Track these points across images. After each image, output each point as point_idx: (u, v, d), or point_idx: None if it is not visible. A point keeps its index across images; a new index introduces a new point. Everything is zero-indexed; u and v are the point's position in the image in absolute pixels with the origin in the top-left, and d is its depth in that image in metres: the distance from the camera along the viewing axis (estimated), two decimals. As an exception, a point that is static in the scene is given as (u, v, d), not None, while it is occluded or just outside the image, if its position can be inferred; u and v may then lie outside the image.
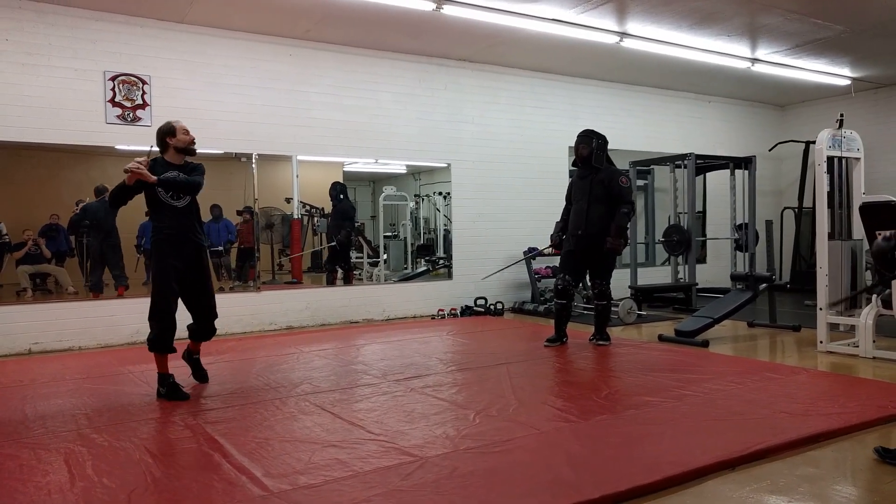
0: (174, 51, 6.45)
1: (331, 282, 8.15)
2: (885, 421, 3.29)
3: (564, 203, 5.70)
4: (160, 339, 3.98)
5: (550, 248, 5.96)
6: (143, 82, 6.30)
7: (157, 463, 2.87)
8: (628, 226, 5.49)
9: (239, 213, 8.22)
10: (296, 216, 8.31)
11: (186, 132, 4.18)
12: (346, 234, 8.49)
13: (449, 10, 6.13)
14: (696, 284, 7.90)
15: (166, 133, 4.13)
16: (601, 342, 5.53)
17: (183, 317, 4.08)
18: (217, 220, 8.10)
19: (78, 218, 7.21)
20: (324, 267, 8.53)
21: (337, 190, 8.41)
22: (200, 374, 4.41)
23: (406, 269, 9.77)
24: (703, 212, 10.11)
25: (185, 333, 4.29)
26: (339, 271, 8.35)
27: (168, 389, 4.01)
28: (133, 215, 7.83)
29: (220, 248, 8.10)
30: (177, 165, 4.15)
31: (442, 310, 7.83)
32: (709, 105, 10.49)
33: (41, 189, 7.71)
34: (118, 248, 7.16)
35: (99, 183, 7.19)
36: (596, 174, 5.36)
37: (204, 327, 4.28)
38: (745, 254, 8.30)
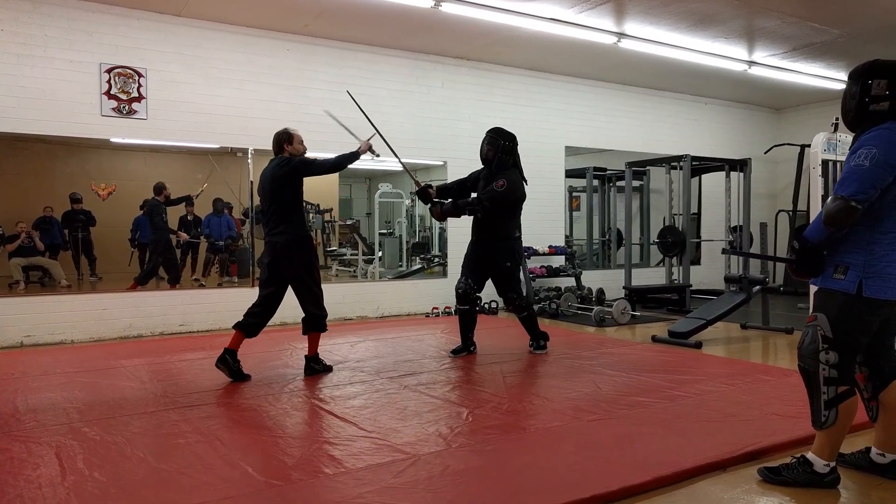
0: (171, 44, 6.42)
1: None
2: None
3: (459, 180, 5.34)
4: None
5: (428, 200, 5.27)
6: (140, 75, 6.27)
7: (148, 457, 2.86)
8: (510, 233, 5.03)
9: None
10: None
11: (302, 142, 4.45)
12: None
13: (447, 7, 6.12)
14: (690, 286, 7.92)
15: (284, 139, 4.41)
16: (538, 350, 5.22)
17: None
18: (219, 214, 8.07)
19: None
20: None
21: None
22: (241, 374, 4.36)
23: (401, 266, 9.78)
24: (698, 213, 10.14)
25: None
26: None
27: (322, 366, 4.54)
28: (127, 209, 7.82)
29: (221, 242, 8.08)
30: None
31: (436, 308, 7.83)
32: (705, 107, 10.52)
33: (35, 181, 7.69)
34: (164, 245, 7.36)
35: (158, 181, 7.32)
36: (493, 178, 4.96)
37: (262, 324, 4.45)
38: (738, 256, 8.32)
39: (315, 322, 4.41)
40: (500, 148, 4.99)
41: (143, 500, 2.43)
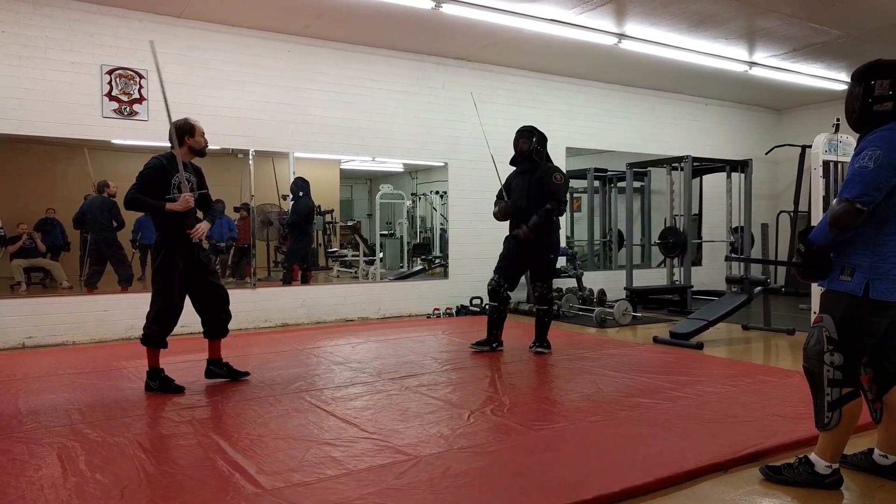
0: (172, 45, 6.43)
1: (288, 281, 7.76)
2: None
3: (504, 191, 5.34)
4: (160, 337, 4.02)
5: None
6: (141, 76, 6.28)
7: (150, 459, 2.86)
8: (555, 226, 5.17)
9: (236, 209, 8.19)
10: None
11: (203, 134, 4.17)
12: (300, 239, 8.04)
13: (448, 8, 6.13)
14: (692, 287, 7.92)
15: (185, 131, 4.08)
16: (540, 350, 5.24)
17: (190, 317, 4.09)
18: (220, 216, 8.07)
19: (78, 215, 7.21)
20: (281, 265, 8.28)
21: (297, 186, 7.87)
22: (236, 373, 4.38)
23: (402, 267, 9.78)
24: (699, 214, 10.14)
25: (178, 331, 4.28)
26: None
27: (161, 383, 4.05)
28: (129, 211, 7.80)
29: (222, 244, 8.07)
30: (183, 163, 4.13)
31: (437, 309, 7.83)
32: (706, 108, 10.51)
33: (37, 183, 7.70)
34: (115, 243, 7.13)
35: (102, 179, 7.18)
36: (535, 172, 5.10)
37: (217, 324, 4.28)
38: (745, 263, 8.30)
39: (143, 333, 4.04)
40: (535, 141, 5.15)
41: (144, 501, 2.43)
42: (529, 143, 5.14)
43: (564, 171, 5.18)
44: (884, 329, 2.49)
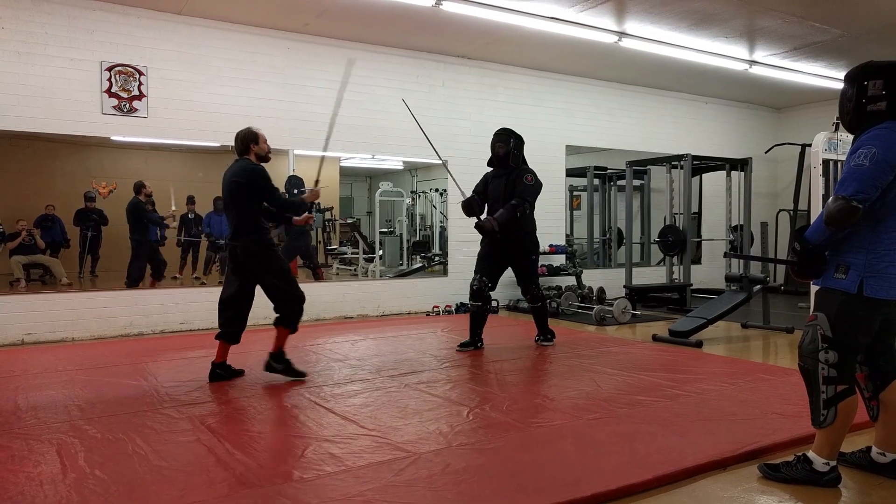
0: (171, 42, 6.42)
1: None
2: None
3: (477, 190, 5.38)
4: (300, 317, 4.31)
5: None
6: (140, 73, 6.27)
7: (149, 455, 2.86)
8: (532, 227, 5.25)
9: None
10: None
11: (266, 141, 4.37)
12: (297, 237, 8.03)
13: (448, 6, 6.12)
14: (691, 285, 7.92)
15: (251, 139, 4.32)
16: (544, 342, 5.48)
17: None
18: (219, 213, 8.06)
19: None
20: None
21: (291, 184, 7.78)
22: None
23: (401, 265, 9.79)
24: (699, 213, 10.14)
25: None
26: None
27: (285, 366, 4.28)
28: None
29: (222, 241, 8.07)
30: None
31: (437, 306, 7.83)
32: (706, 106, 10.51)
33: (37, 179, 7.69)
34: (143, 242, 7.25)
35: (138, 179, 7.26)
36: (510, 174, 5.19)
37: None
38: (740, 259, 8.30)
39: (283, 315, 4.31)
40: (513, 145, 5.22)
41: (143, 497, 2.43)
42: (507, 147, 5.20)
43: (537, 174, 5.26)
44: (878, 327, 2.50)
